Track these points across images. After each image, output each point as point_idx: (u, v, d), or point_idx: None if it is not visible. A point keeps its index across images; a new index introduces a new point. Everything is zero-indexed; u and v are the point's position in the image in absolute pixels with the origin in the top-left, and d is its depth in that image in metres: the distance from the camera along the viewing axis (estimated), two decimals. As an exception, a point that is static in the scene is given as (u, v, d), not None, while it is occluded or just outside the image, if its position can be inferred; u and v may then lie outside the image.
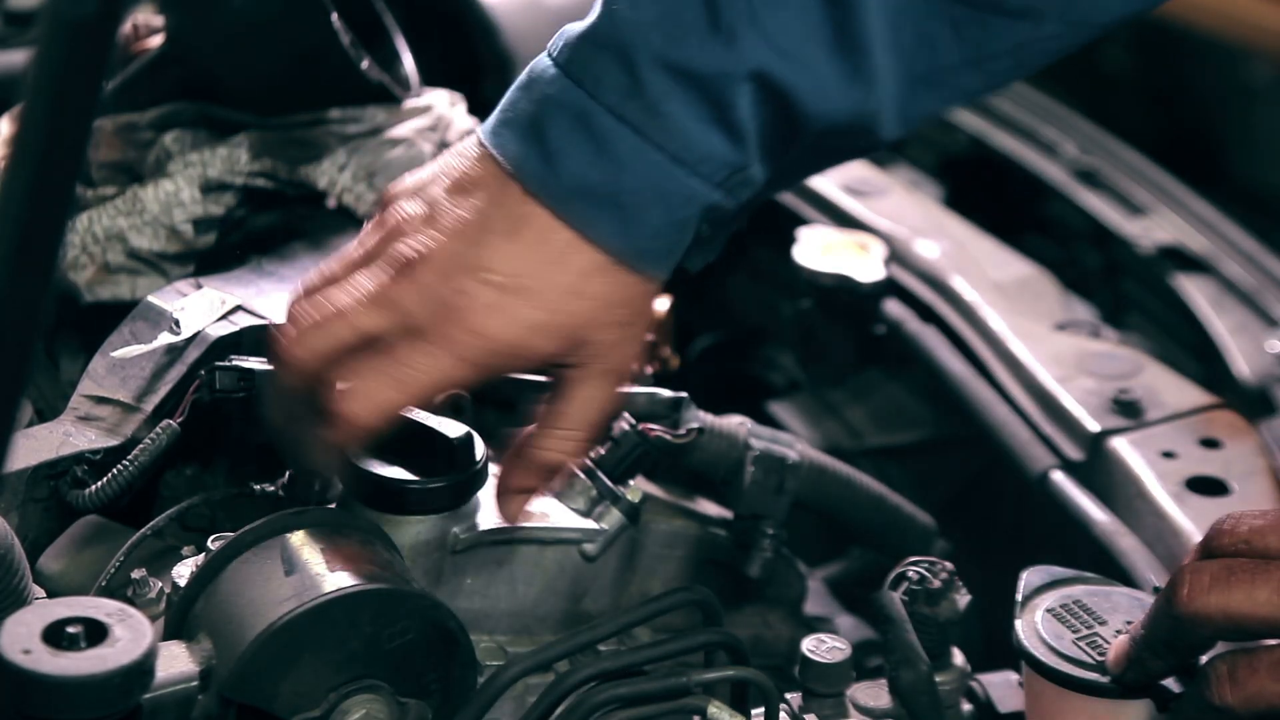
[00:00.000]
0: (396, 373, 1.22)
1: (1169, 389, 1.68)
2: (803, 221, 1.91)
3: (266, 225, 1.64)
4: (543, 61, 1.23)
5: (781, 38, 1.19)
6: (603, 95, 1.20)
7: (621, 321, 1.25)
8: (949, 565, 1.33)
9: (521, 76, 1.24)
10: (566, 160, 1.20)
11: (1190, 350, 1.93)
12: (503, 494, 1.31)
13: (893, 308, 1.83)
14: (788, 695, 1.31)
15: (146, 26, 1.69)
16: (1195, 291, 1.96)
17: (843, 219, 1.93)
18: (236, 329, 1.41)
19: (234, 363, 1.36)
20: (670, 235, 1.23)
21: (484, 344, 1.22)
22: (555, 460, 1.29)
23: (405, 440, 1.29)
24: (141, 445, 1.34)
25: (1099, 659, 1.21)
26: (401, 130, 1.65)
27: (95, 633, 1.10)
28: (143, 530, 1.33)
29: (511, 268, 1.21)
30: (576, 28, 1.22)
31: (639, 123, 1.19)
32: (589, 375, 1.26)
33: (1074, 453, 1.64)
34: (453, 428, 1.30)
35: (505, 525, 1.36)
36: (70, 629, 1.09)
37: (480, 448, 1.32)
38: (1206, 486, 1.56)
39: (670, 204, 1.21)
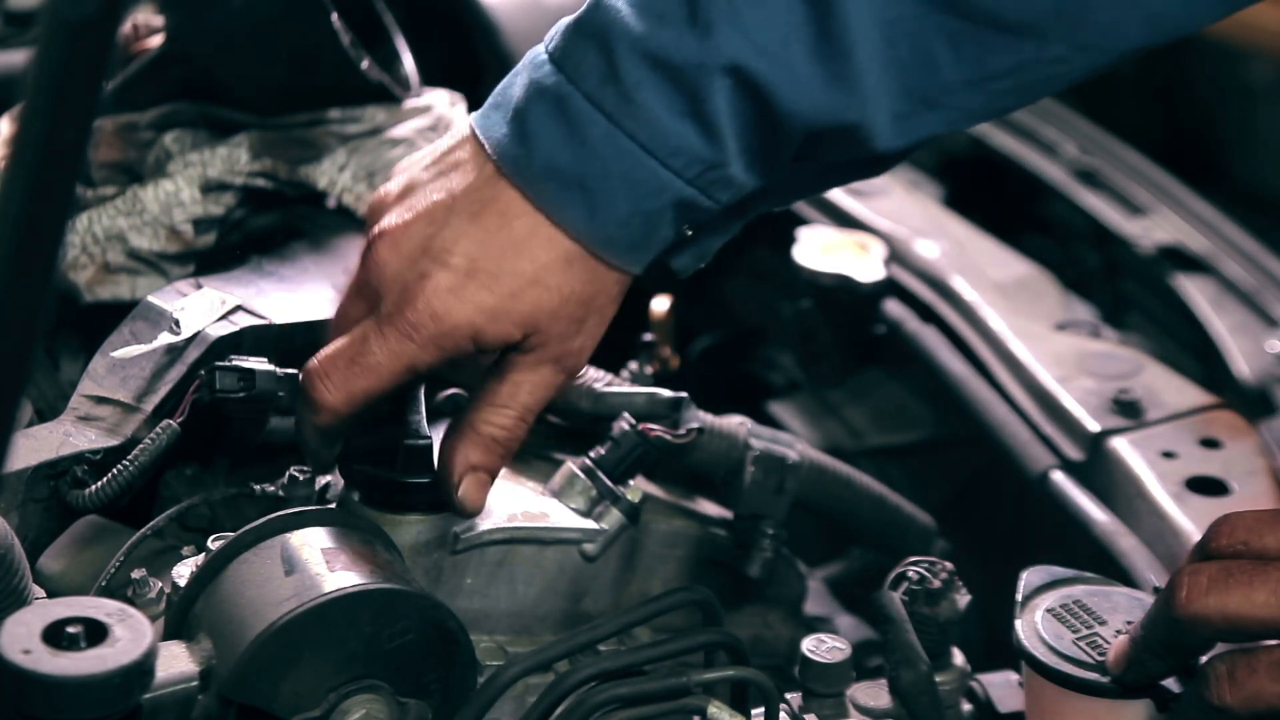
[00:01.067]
0: (360, 359, 1.25)
1: (1169, 389, 1.68)
2: (803, 221, 1.91)
3: (266, 225, 1.65)
4: (537, 50, 1.25)
5: (760, 34, 1.19)
6: (581, 81, 1.21)
7: (578, 316, 1.25)
8: (949, 565, 1.33)
9: (518, 65, 1.26)
10: (540, 142, 1.21)
11: (1190, 350, 1.93)
12: (451, 470, 1.29)
13: (893, 308, 1.83)
14: (788, 695, 1.31)
15: (146, 26, 1.69)
16: (1195, 291, 1.96)
17: (843, 219, 1.93)
18: (236, 329, 1.41)
19: (234, 363, 1.36)
20: (638, 226, 1.23)
21: (438, 326, 1.23)
22: (491, 434, 1.28)
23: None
24: (141, 445, 1.34)
25: (1099, 659, 1.21)
26: (401, 130, 1.65)
27: (95, 633, 1.10)
28: (143, 530, 1.33)
29: (470, 250, 1.23)
30: (569, 18, 1.24)
31: (612, 109, 1.20)
32: (533, 361, 1.27)
33: (1074, 453, 1.64)
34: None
35: (505, 525, 1.36)
36: (70, 629, 1.09)
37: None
38: (1206, 486, 1.56)
39: (639, 193, 1.21)
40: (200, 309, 1.43)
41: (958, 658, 1.35)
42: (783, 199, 1.36)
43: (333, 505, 1.33)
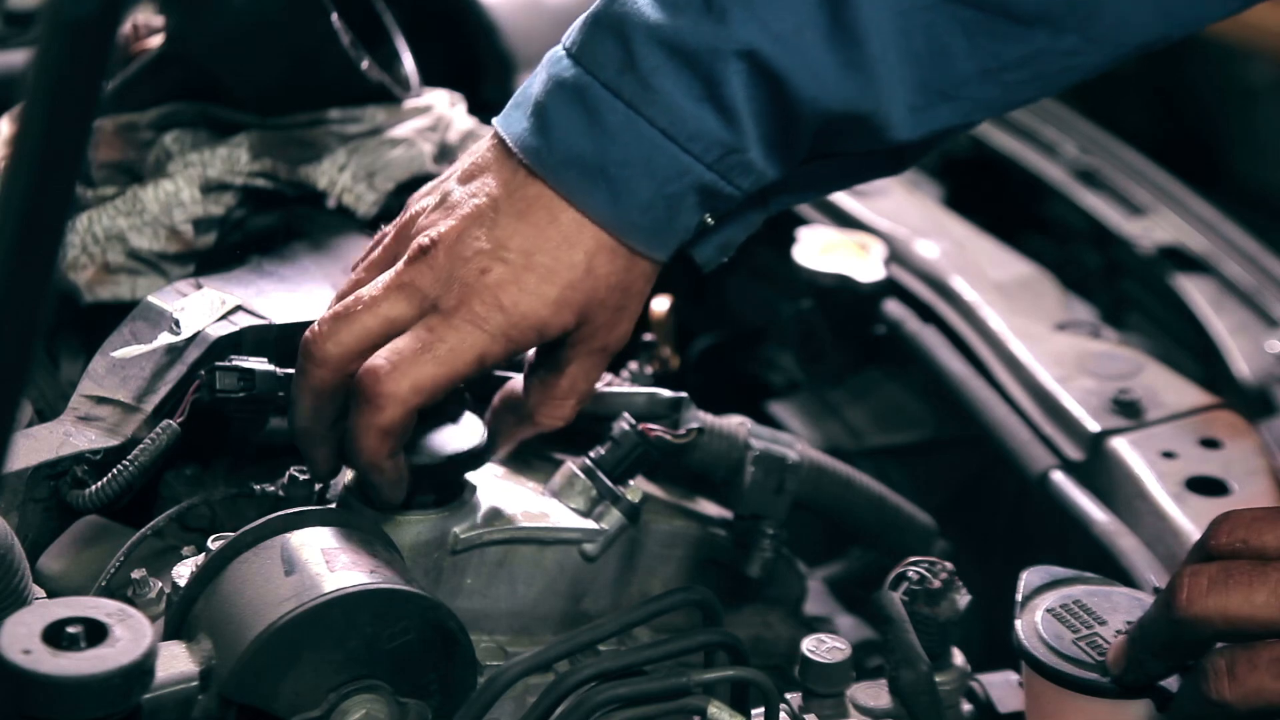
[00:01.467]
0: (432, 347, 1.24)
1: (1169, 389, 1.68)
2: (803, 221, 1.91)
3: (266, 225, 1.65)
4: (555, 49, 1.27)
5: (773, 21, 1.21)
6: (599, 71, 1.23)
7: (620, 304, 1.28)
8: (949, 565, 1.33)
9: (538, 66, 1.28)
10: (560, 132, 1.24)
11: (1190, 350, 1.93)
12: (499, 447, 1.37)
13: (893, 308, 1.83)
14: (788, 695, 1.31)
15: (146, 26, 1.69)
16: (1195, 291, 1.96)
17: (843, 219, 1.93)
18: (236, 329, 1.41)
19: (234, 363, 1.36)
20: (660, 212, 1.25)
21: (506, 318, 1.25)
22: (552, 426, 1.35)
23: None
24: (141, 445, 1.34)
25: (1099, 659, 1.21)
26: (401, 130, 1.65)
27: (95, 633, 1.10)
28: (143, 530, 1.33)
29: (525, 246, 1.25)
30: (586, 14, 1.26)
31: (631, 96, 1.22)
32: (585, 352, 1.30)
33: (1074, 453, 1.64)
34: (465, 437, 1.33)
35: (505, 525, 1.36)
36: (70, 629, 1.09)
37: (478, 433, 1.33)
38: (1206, 486, 1.56)
39: (659, 178, 1.23)
40: (200, 309, 1.43)
41: (958, 658, 1.35)
42: (803, 194, 1.37)
43: (333, 505, 1.33)
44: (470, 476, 1.36)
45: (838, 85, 1.22)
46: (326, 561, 1.22)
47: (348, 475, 1.34)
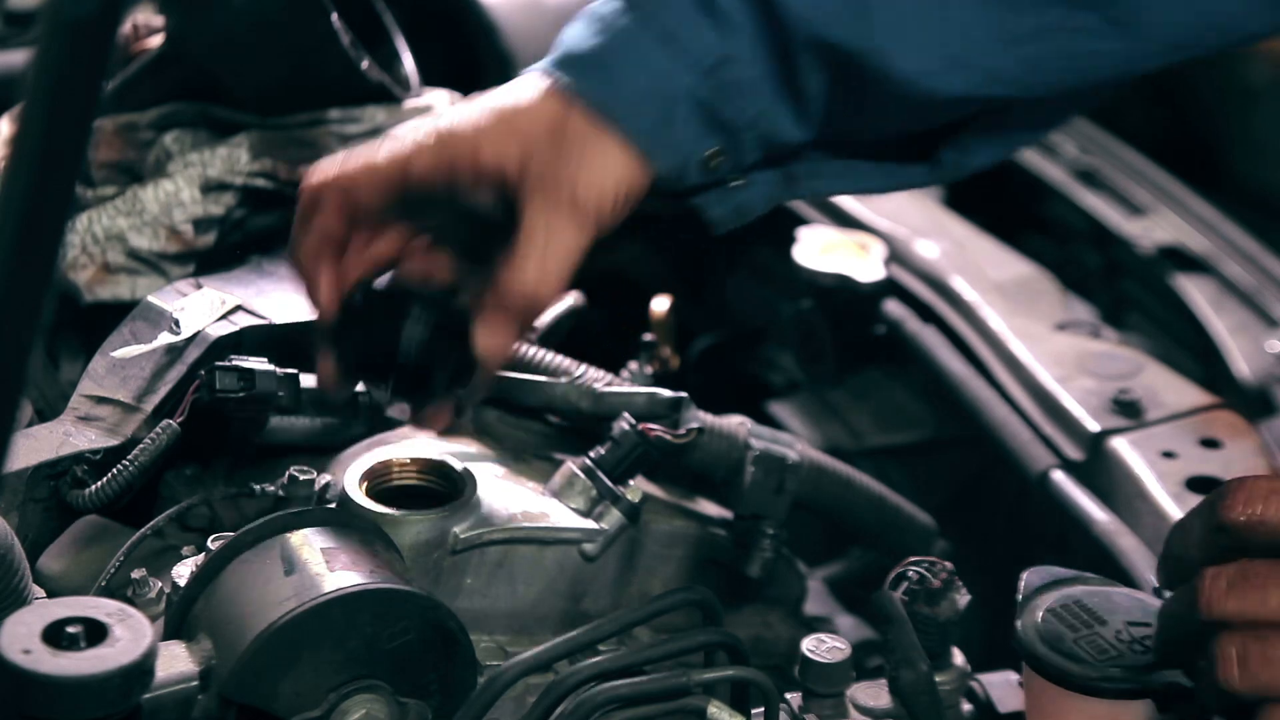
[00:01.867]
0: (360, 151, 1.31)
1: (1169, 389, 1.68)
2: (803, 221, 1.91)
3: (266, 225, 1.64)
4: None
5: None
6: None
7: (556, 143, 1.27)
8: (949, 565, 1.33)
9: None
10: (571, 43, 1.29)
11: (1190, 350, 1.93)
12: (482, 344, 1.31)
13: (893, 308, 1.83)
14: (788, 695, 1.31)
15: (146, 26, 1.69)
16: (1195, 291, 1.96)
17: (843, 219, 1.93)
18: (236, 329, 1.42)
19: (234, 363, 1.36)
20: (653, 110, 1.27)
21: (438, 132, 1.29)
22: (529, 294, 1.28)
23: None
24: (141, 445, 1.34)
25: (1099, 659, 1.21)
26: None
27: (95, 633, 1.10)
28: (143, 530, 1.33)
29: (482, 98, 1.31)
30: None
31: (635, 2, 1.27)
32: (540, 204, 1.28)
33: (1074, 453, 1.64)
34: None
35: (505, 525, 1.36)
36: (70, 629, 1.09)
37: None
38: (1206, 486, 1.56)
39: (652, 72, 1.27)
40: (200, 309, 1.43)
41: (958, 658, 1.35)
42: (833, 183, 1.38)
43: (333, 505, 1.33)
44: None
45: (832, 9, 1.25)
46: (326, 561, 1.22)
47: (346, 476, 1.34)
